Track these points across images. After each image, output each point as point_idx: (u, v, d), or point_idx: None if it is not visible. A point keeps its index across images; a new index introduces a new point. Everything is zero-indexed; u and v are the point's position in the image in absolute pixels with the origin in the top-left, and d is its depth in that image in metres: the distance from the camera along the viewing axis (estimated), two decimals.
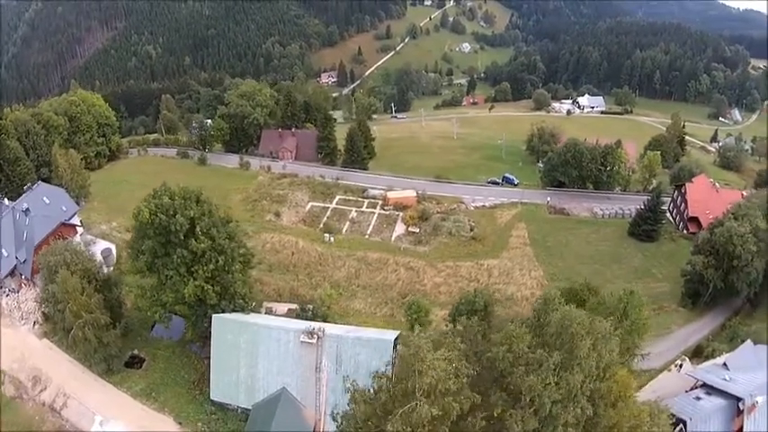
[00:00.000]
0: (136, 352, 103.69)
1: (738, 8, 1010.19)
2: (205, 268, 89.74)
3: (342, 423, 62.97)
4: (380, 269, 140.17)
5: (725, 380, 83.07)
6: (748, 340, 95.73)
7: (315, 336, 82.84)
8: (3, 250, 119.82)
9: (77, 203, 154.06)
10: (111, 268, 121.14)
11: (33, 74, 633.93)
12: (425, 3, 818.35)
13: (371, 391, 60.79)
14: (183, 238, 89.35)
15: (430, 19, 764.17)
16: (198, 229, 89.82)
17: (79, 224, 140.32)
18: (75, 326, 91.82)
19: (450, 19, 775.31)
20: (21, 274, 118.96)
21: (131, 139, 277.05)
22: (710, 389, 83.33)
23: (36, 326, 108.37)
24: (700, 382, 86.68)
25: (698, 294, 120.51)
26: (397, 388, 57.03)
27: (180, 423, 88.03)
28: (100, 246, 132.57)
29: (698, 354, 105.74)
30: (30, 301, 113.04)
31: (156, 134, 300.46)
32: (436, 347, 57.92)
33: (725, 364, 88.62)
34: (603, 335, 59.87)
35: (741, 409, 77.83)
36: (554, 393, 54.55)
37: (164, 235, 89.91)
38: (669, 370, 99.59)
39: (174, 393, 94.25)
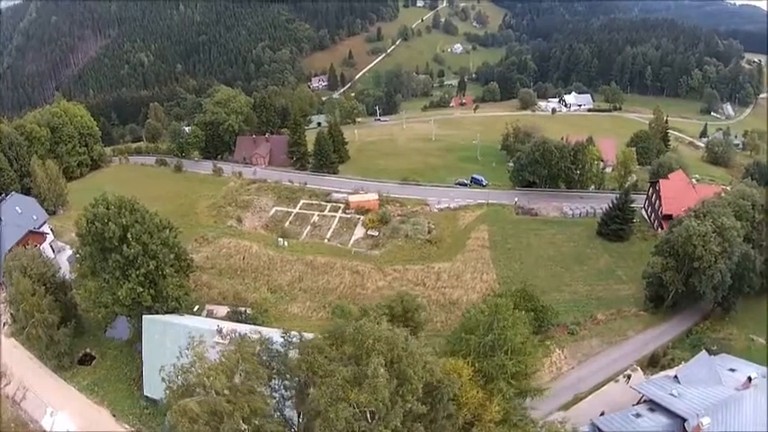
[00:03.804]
0: (88, 350, 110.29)
1: (735, 3, 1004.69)
2: (138, 272, 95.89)
3: None
4: (326, 273, 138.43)
5: (672, 395, 75.42)
6: (703, 351, 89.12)
7: (226, 336, 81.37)
8: None
9: (55, 212, 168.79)
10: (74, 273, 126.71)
11: (28, 84, 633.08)
12: (418, 4, 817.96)
13: None
14: (116, 244, 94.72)
15: (422, 20, 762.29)
16: (129, 235, 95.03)
17: (49, 232, 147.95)
18: (29, 324, 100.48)
19: (443, 20, 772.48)
20: None
21: (115, 147, 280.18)
22: (655, 405, 76.42)
23: (5, 326, 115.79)
24: (645, 397, 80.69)
25: (661, 298, 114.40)
26: None
27: (114, 415, 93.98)
28: (68, 252, 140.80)
29: (654, 363, 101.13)
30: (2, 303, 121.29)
31: (141, 142, 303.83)
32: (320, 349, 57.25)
33: (676, 376, 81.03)
34: (410, 351, 55.66)
35: (686, 430, 70.08)
36: (345, 410, 50.73)
37: (100, 242, 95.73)
38: (616, 380, 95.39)
39: (114, 389, 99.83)
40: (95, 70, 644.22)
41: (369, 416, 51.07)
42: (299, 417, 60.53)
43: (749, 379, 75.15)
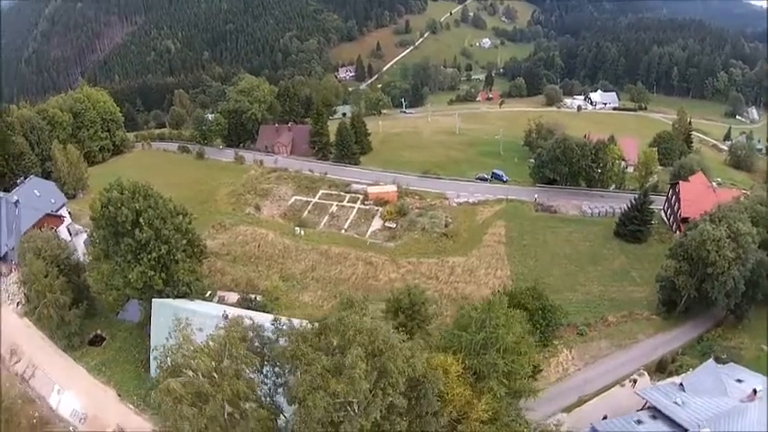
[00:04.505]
0: (99, 331, 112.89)
1: (763, 6, 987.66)
2: (149, 256, 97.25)
3: None
4: (339, 263, 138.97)
5: (675, 403, 73.74)
6: (711, 359, 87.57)
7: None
8: None
9: (74, 196, 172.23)
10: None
11: (53, 69, 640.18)
12: None
13: None
14: (129, 228, 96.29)
15: (450, 14, 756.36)
16: (142, 220, 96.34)
17: (66, 215, 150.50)
18: (41, 304, 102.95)
19: (471, 14, 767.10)
20: (11, 260, 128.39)
21: (138, 133, 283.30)
22: (657, 412, 74.93)
23: (19, 306, 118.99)
24: (649, 404, 79.00)
25: (673, 302, 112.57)
26: None
27: (119, 395, 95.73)
28: (84, 235, 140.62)
29: (662, 369, 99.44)
30: (15, 283, 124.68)
31: (164, 129, 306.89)
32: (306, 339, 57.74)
33: (681, 384, 79.04)
34: (390, 344, 55.50)
35: None
36: (323, 399, 51.11)
37: (113, 225, 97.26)
38: (623, 384, 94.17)
39: (122, 370, 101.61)
40: (121, 56, 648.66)
41: (351, 407, 51.13)
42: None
43: (754, 391, 73.91)
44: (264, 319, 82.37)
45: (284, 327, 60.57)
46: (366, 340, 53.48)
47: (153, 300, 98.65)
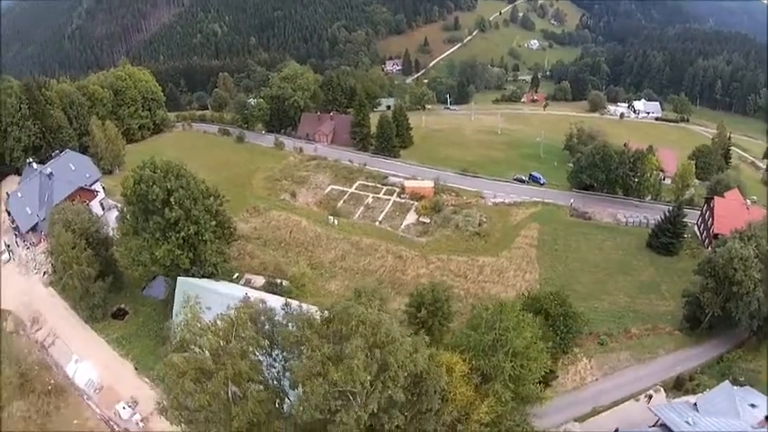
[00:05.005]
0: (123, 306, 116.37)
1: None
2: (178, 235, 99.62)
3: None
4: (369, 254, 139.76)
5: (687, 423, 73.19)
6: (726, 381, 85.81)
7: None
8: (27, 208, 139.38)
9: (111, 171, 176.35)
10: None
11: (97, 46, 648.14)
12: None
13: None
14: (159, 206, 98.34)
15: (500, 13, 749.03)
16: (173, 199, 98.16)
17: (100, 190, 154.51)
18: (66, 275, 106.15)
19: (521, 14, 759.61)
20: (41, 231, 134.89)
21: (179, 113, 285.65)
22: (668, 431, 74.58)
23: (45, 275, 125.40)
24: (661, 421, 78.26)
25: (697, 319, 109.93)
26: None
27: (136, 368, 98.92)
28: (116, 211, 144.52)
29: (679, 386, 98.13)
30: (43, 253, 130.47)
31: (206, 110, 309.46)
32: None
33: (695, 404, 78.72)
34: (392, 338, 55.73)
35: None
36: (321, 386, 51.74)
37: (143, 202, 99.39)
38: (637, 399, 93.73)
39: (141, 344, 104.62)
40: (167, 37, 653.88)
41: (350, 397, 51.60)
42: None
43: (766, 418, 72.93)
44: (281, 303, 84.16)
45: (294, 312, 61.27)
46: (368, 332, 53.94)
47: (178, 278, 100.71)
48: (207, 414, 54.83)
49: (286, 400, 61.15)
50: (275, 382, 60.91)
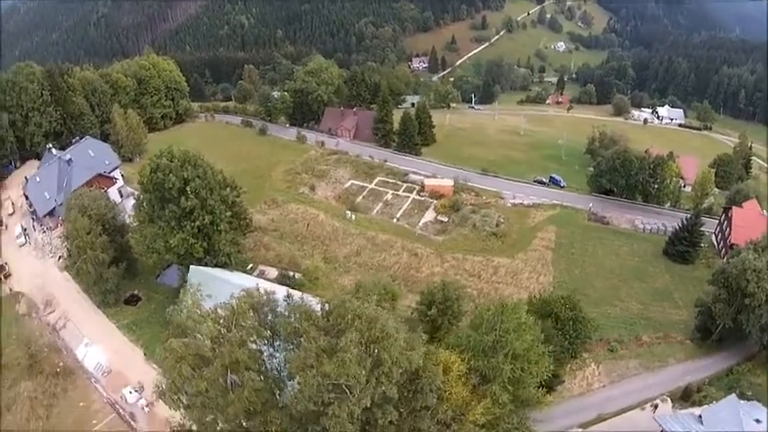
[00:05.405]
0: (136, 292, 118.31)
1: None
2: (192, 224, 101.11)
3: None
4: (384, 251, 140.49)
5: None
6: (733, 394, 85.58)
7: None
8: (45, 193, 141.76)
9: (131, 159, 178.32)
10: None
11: (123, 34, 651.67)
12: None
13: None
14: (175, 195, 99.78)
15: (528, 14, 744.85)
16: (189, 188, 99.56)
17: (119, 177, 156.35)
18: (80, 260, 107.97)
19: (548, 16, 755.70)
20: (58, 215, 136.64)
21: (202, 104, 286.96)
22: None
23: (61, 260, 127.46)
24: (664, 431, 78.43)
25: (709, 330, 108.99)
26: None
27: (145, 354, 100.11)
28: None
29: (687, 397, 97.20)
30: (59, 238, 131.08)
31: (230, 102, 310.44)
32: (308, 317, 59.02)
33: (700, 416, 79.18)
34: (387, 333, 55.73)
35: None
36: (314, 378, 52.12)
37: (160, 191, 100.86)
38: (643, 408, 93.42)
39: (152, 331, 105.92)
40: (194, 28, 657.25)
41: (343, 390, 51.92)
42: None
43: None
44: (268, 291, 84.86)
45: (295, 303, 61.76)
46: (364, 327, 54.29)
47: (190, 267, 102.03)
48: (203, 400, 55.62)
49: (284, 390, 61.65)
50: (276, 373, 61.43)
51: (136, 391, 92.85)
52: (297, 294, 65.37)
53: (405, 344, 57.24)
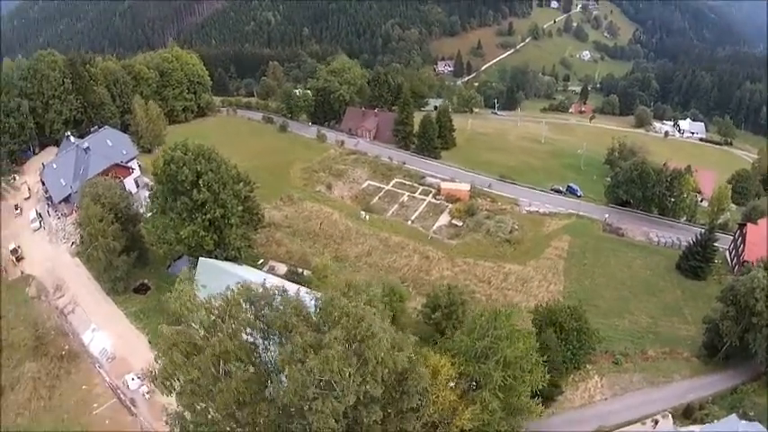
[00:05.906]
0: (146, 281, 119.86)
1: None
2: (203, 217, 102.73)
3: None
4: (396, 252, 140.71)
5: None
6: (734, 414, 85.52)
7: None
8: (61, 179, 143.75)
9: (150, 150, 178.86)
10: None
11: (148, 26, 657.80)
12: (552, 5, 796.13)
13: None
14: (188, 187, 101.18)
15: (554, 22, 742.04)
16: (201, 181, 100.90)
17: (136, 167, 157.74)
18: (91, 247, 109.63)
19: (575, 25, 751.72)
20: (73, 202, 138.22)
21: (224, 98, 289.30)
22: None
23: (73, 246, 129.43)
24: None
25: (715, 347, 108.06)
26: None
27: (150, 342, 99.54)
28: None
29: (689, 414, 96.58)
30: (73, 224, 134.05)
31: (252, 97, 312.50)
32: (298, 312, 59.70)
33: None
34: (372, 333, 55.58)
35: None
36: (299, 372, 52.40)
37: (173, 183, 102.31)
38: (643, 423, 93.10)
39: (158, 320, 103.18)
40: (220, 22, 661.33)
41: (327, 386, 52.15)
42: None
43: None
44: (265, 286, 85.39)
45: (289, 297, 62.07)
46: (351, 325, 54.58)
47: (199, 258, 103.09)
48: (194, 387, 56.24)
49: (274, 383, 61.85)
50: (270, 366, 61.75)
51: (139, 377, 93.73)
52: (293, 289, 65.48)
53: (391, 344, 57.39)
